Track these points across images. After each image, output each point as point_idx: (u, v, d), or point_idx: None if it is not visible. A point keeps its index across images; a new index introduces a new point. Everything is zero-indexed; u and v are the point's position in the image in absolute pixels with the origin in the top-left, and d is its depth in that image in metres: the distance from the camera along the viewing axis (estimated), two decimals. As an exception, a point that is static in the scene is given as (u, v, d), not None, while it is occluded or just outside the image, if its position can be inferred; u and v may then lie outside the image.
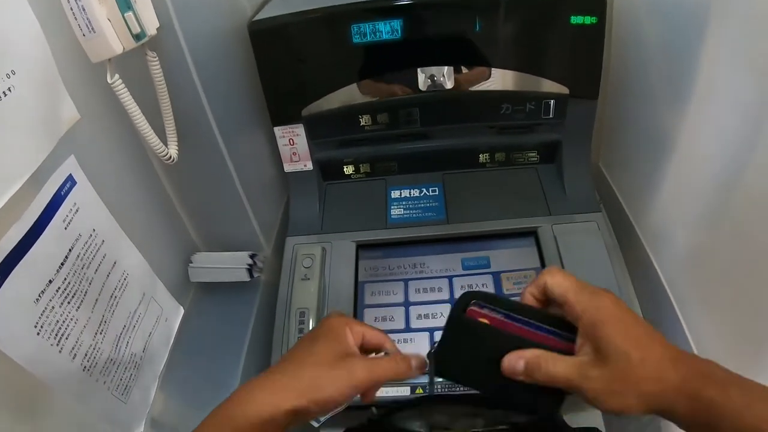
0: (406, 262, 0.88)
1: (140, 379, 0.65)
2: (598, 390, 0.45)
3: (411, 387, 0.74)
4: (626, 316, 0.47)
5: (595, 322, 0.47)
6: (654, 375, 0.45)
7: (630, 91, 0.88)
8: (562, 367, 0.47)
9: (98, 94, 0.60)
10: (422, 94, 0.85)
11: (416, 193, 0.96)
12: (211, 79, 0.69)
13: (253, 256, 0.85)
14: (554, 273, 0.51)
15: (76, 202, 0.53)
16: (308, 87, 0.86)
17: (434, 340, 0.79)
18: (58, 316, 0.50)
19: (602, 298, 0.48)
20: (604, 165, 1.05)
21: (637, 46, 0.83)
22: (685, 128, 0.72)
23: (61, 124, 0.51)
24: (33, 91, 0.46)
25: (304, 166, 0.94)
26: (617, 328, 0.46)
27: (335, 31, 0.80)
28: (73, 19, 0.49)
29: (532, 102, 0.87)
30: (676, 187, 0.77)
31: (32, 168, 0.46)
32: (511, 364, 0.49)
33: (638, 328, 0.47)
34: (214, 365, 0.79)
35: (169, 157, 0.64)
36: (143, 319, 0.66)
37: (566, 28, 0.79)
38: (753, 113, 0.57)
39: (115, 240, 0.60)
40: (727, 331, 0.67)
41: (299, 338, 0.63)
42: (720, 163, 0.64)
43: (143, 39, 0.55)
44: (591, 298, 0.48)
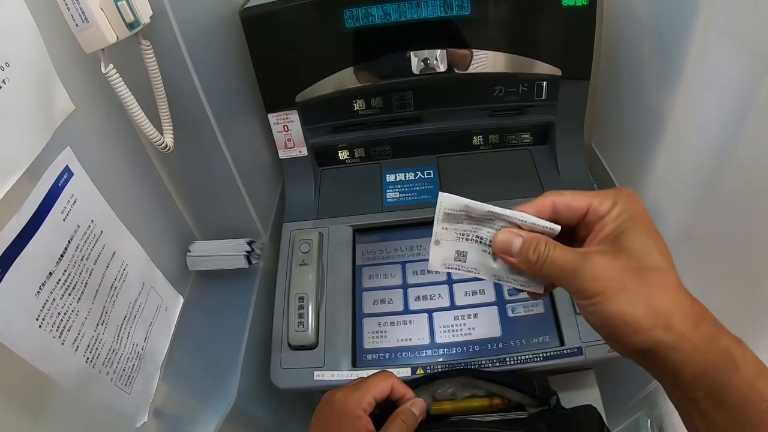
0: (402, 245, 0.89)
1: (142, 369, 0.65)
2: (605, 282, 0.39)
3: (411, 368, 0.75)
4: (650, 221, 0.43)
5: (624, 212, 0.42)
6: (671, 287, 0.39)
7: (622, 72, 0.88)
8: (562, 254, 0.42)
9: (93, 85, 0.60)
10: (415, 78, 0.85)
11: (411, 177, 0.97)
12: (206, 67, 0.69)
13: (251, 243, 0.85)
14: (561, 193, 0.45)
15: (73, 194, 0.53)
16: (301, 73, 0.85)
17: (432, 322, 0.80)
18: (59, 308, 0.50)
19: (630, 195, 0.43)
20: (597, 146, 1.05)
21: (628, 27, 0.83)
22: (677, 108, 0.72)
23: (56, 116, 0.50)
24: (27, 83, 0.46)
25: (299, 152, 0.94)
26: (642, 225, 0.41)
27: (327, 16, 0.79)
28: (66, 10, 0.49)
29: (525, 84, 0.88)
30: (669, 167, 0.77)
31: (29, 160, 0.46)
32: (505, 242, 0.44)
33: (662, 239, 0.42)
34: (215, 353, 0.80)
35: (165, 146, 0.64)
36: (143, 309, 0.66)
37: (558, 10, 0.79)
38: (744, 93, 0.57)
39: (113, 231, 0.60)
40: (719, 310, 0.67)
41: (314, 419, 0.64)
42: (712, 142, 0.65)
43: (137, 28, 0.55)
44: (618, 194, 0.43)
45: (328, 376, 0.76)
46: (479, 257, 0.47)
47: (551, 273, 0.42)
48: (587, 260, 0.40)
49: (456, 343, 0.77)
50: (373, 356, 0.78)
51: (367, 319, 0.82)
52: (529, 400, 0.72)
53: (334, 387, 0.74)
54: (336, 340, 0.79)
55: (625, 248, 0.40)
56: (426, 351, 0.78)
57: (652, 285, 0.39)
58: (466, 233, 0.46)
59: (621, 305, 0.38)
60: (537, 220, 0.45)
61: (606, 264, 0.39)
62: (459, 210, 0.46)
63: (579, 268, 0.40)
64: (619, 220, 0.41)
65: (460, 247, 0.47)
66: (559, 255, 0.42)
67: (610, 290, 0.38)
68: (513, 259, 0.44)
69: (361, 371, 0.76)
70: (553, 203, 0.45)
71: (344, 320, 0.81)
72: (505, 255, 0.45)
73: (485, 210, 0.45)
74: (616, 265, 0.39)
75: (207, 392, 0.76)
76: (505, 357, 0.74)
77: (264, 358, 0.80)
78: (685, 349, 0.37)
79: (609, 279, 0.39)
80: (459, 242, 0.47)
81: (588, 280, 0.39)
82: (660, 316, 0.38)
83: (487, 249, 0.47)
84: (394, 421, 0.60)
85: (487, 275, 0.47)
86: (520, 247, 0.43)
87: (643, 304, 0.38)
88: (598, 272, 0.39)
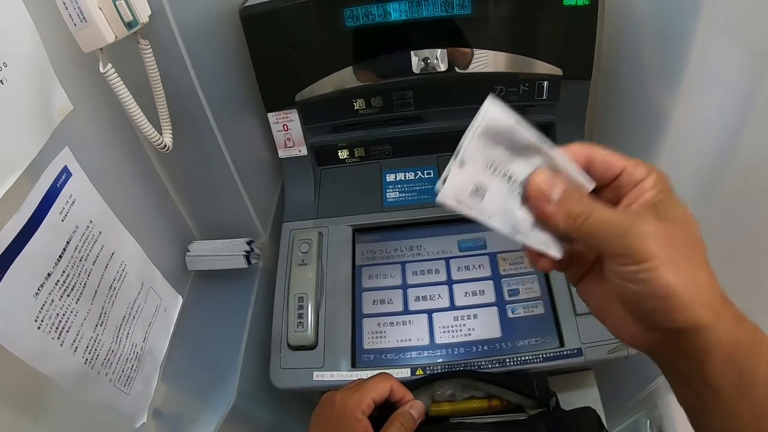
0: (402, 245, 0.89)
1: (142, 369, 0.65)
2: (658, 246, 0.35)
3: (411, 369, 0.75)
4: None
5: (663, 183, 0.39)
6: (709, 267, 0.37)
7: (623, 72, 0.88)
8: (610, 210, 0.37)
9: (91, 84, 0.59)
10: (416, 77, 0.84)
11: (411, 176, 0.97)
12: (205, 66, 0.69)
13: (250, 242, 0.85)
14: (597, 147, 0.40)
15: (72, 194, 0.52)
16: (301, 72, 0.85)
17: (432, 322, 0.80)
18: (58, 309, 0.50)
19: (666, 176, 0.40)
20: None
21: (629, 26, 0.83)
22: (678, 108, 0.72)
23: (54, 116, 0.50)
24: (25, 83, 0.45)
25: (299, 151, 0.94)
26: (679, 200, 0.39)
27: (327, 15, 0.79)
28: (64, 9, 0.49)
29: (526, 83, 0.87)
30: (670, 166, 0.76)
31: (27, 161, 0.46)
32: (546, 184, 0.38)
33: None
34: (215, 353, 0.80)
35: (164, 145, 0.63)
36: (143, 310, 0.66)
37: (559, 9, 0.78)
38: (745, 93, 0.57)
39: (112, 231, 0.60)
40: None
41: (313, 420, 0.64)
42: (713, 142, 0.65)
43: (135, 27, 0.54)
44: (653, 167, 0.40)
45: (327, 376, 0.76)
46: (502, 199, 0.39)
47: (595, 230, 0.37)
48: (641, 220, 0.36)
49: (456, 344, 0.77)
50: (372, 357, 0.78)
51: (367, 319, 0.82)
52: (528, 401, 0.71)
53: (334, 387, 0.74)
54: (335, 340, 0.79)
55: (672, 217, 0.36)
56: (425, 351, 0.77)
57: (697, 259, 0.36)
58: (496, 163, 0.38)
59: (672, 276, 0.34)
60: (578, 170, 0.39)
61: (660, 226, 0.35)
62: (503, 129, 0.38)
63: (631, 227, 0.36)
64: (658, 188, 0.38)
65: (483, 179, 0.38)
66: (606, 211, 0.37)
67: (663, 255, 0.35)
68: (550, 207, 0.38)
69: (360, 372, 0.76)
70: (588, 156, 0.40)
71: (344, 320, 0.80)
72: (542, 200, 0.39)
73: (532, 138, 0.38)
74: (667, 230, 0.36)
75: (206, 392, 0.76)
76: (504, 358, 0.74)
77: (263, 358, 0.80)
78: (719, 329, 0.35)
79: (662, 243, 0.35)
80: (483, 173, 0.38)
81: (641, 240, 0.35)
82: (703, 292, 0.35)
83: (516, 189, 0.39)
84: (393, 423, 0.60)
85: (502, 223, 0.39)
86: (563, 193, 0.38)
87: (690, 278, 0.35)
88: (651, 233, 0.35)
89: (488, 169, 0.38)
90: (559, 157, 0.38)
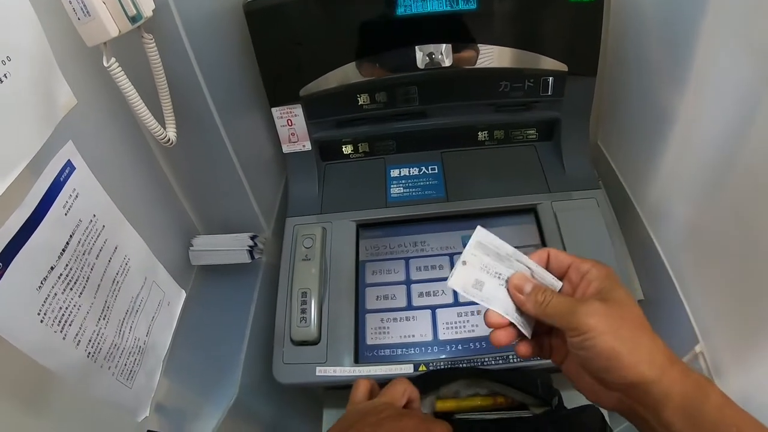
0: (406, 241, 0.89)
1: (144, 363, 0.65)
2: (597, 319, 0.45)
3: (414, 365, 0.75)
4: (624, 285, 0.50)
5: (604, 273, 0.49)
6: (649, 331, 0.46)
7: (629, 69, 0.87)
8: (562, 300, 0.49)
9: (95, 78, 0.59)
10: (420, 72, 0.84)
11: (415, 172, 0.96)
12: (209, 61, 0.69)
13: (254, 237, 0.85)
14: (555, 249, 0.55)
15: (75, 188, 0.52)
16: (305, 67, 0.85)
17: (436, 318, 0.80)
18: (60, 303, 0.50)
19: (608, 267, 0.51)
20: (602, 142, 1.04)
21: (635, 23, 0.82)
22: (684, 106, 0.72)
23: (58, 110, 0.50)
24: (29, 77, 0.45)
25: (303, 146, 0.93)
26: (621, 286, 0.49)
27: (331, 10, 0.79)
28: (68, 3, 0.49)
29: (531, 79, 0.87)
30: (675, 164, 0.77)
31: (31, 154, 0.46)
32: (520, 282, 0.52)
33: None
34: (218, 347, 0.80)
35: (167, 140, 0.63)
36: (146, 304, 0.66)
37: (564, 5, 0.78)
38: (751, 91, 0.57)
39: (115, 225, 0.60)
40: (727, 307, 0.67)
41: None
42: (718, 140, 0.64)
43: (139, 21, 0.54)
44: (596, 261, 0.51)
45: (330, 371, 0.76)
46: (493, 290, 0.53)
47: (552, 312, 0.49)
48: (583, 302, 0.47)
49: (459, 340, 0.77)
50: (375, 352, 0.78)
51: (370, 314, 0.82)
52: (531, 399, 0.71)
53: (336, 383, 0.74)
54: (338, 335, 0.79)
55: (611, 299, 0.46)
56: (429, 348, 0.77)
57: (636, 328, 0.45)
58: (488, 267, 0.53)
59: (611, 341, 0.44)
60: (546, 272, 0.53)
61: (598, 306, 0.46)
62: (490, 243, 0.54)
63: (575, 308, 0.46)
64: (601, 278, 0.49)
65: (480, 276, 0.53)
66: (560, 300, 0.49)
67: (602, 326, 0.44)
68: (522, 296, 0.51)
69: (363, 367, 0.76)
70: (548, 253, 0.54)
71: (347, 316, 0.80)
72: (517, 292, 0.52)
73: (511, 250, 0.54)
74: (606, 309, 0.45)
75: (209, 387, 0.76)
76: (508, 354, 0.74)
77: (266, 353, 0.80)
78: (665, 382, 0.43)
79: (601, 318, 0.45)
80: (481, 272, 0.53)
81: (582, 316, 0.45)
82: (644, 352, 0.44)
83: (503, 284, 0.53)
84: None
85: (497, 306, 0.52)
86: (532, 289, 0.51)
87: (629, 342, 0.44)
88: (591, 311, 0.45)
89: (483, 270, 0.53)
90: (531, 263, 0.54)
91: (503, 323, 0.52)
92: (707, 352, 0.71)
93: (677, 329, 0.76)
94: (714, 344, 0.70)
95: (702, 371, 0.72)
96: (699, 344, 0.72)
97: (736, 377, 0.66)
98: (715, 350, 0.70)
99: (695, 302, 0.74)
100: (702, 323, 0.73)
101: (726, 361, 0.68)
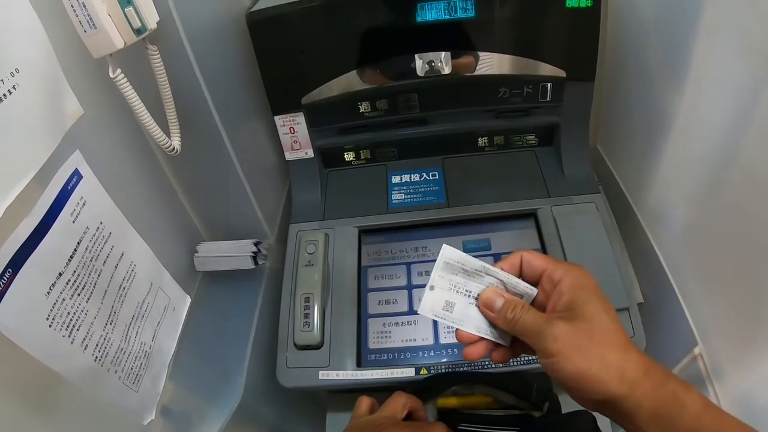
0: (408, 246, 0.89)
1: (150, 367, 0.66)
2: (563, 343, 0.44)
3: (415, 368, 0.76)
4: (599, 291, 0.48)
5: (576, 284, 0.48)
6: (621, 345, 0.45)
7: (627, 73, 0.88)
8: (532, 316, 0.48)
9: (101, 89, 0.61)
10: (420, 80, 0.85)
11: (416, 178, 0.97)
12: (212, 71, 0.70)
13: (258, 243, 0.86)
14: (529, 251, 0.53)
15: (82, 196, 0.54)
16: (307, 75, 0.86)
17: (437, 322, 0.80)
18: (69, 308, 0.51)
19: (581, 269, 0.50)
20: (602, 147, 1.05)
21: (633, 27, 0.83)
22: (682, 109, 0.73)
23: (65, 120, 0.51)
24: (37, 89, 0.46)
25: (305, 153, 0.95)
26: (594, 294, 0.47)
27: (332, 19, 0.80)
28: (74, 16, 0.50)
29: (530, 85, 0.88)
30: (674, 167, 0.78)
31: (39, 164, 0.47)
32: (490, 299, 0.51)
33: (610, 305, 0.48)
34: (222, 352, 0.81)
35: (172, 148, 0.65)
36: (151, 309, 0.67)
37: (562, 11, 0.79)
38: (749, 93, 0.57)
39: (121, 232, 0.61)
40: (726, 310, 0.68)
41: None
42: (716, 143, 0.65)
43: (144, 33, 0.56)
44: (570, 267, 0.50)
45: (333, 375, 0.77)
46: (464, 309, 0.52)
47: (522, 331, 0.48)
48: (549, 324, 0.46)
49: (460, 344, 0.78)
50: (377, 356, 0.79)
51: (372, 319, 0.82)
52: (524, 403, 0.72)
53: (339, 387, 0.75)
54: (341, 340, 0.80)
55: (580, 315, 0.46)
56: (430, 351, 0.78)
57: (604, 345, 0.45)
58: (458, 285, 0.52)
59: (577, 363, 0.44)
60: (519, 281, 0.52)
61: (564, 328, 0.45)
62: (457, 261, 0.52)
63: (543, 330, 0.46)
64: (573, 290, 0.48)
65: (450, 297, 0.52)
66: (530, 317, 0.48)
67: (567, 350, 0.44)
68: (493, 314, 0.51)
69: (365, 371, 0.76)
70: (521, 257, 0.52)
71: (349, 320, 0.81)
72: (488, 310, 0.51)
73: (479, 265, 0.52)
74: (573, 329, 0.45)
75: (214, 391, 0.77)
76: (508, 357, 0.75)
77: (270, 358, 0.81)
78: (637, 396, 0.43)
79: (566, 341, 0.44)
80: (450, 293, 0.52)
81: (548, 341, 0.45)
82: (613, 370, 0.43)
83: (473, 302, 0.52)
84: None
85: (467, 325, 0.52)
86: (502, 306, 0.50)
87: (597, 362, 0.44)
88: (557, 334, 0.45)
89: (453, 290, 0.52)
90: (502, 275, 0.52)
91: (474, 338, 0.52)
92: (706, 354, 0.72)
93: (676, 332, 0.77)
94: (713, 346, 0.71)
95: (701, 373, 0.72)
96: (698, 346, 0.73)
97: (735, 379, 0.67)
98: (714, 352, 0.71)
99: (694, 305, 0.75)
100: (701, 326, 0.73)
101: (725, 363, 0.68)
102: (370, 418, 0.59)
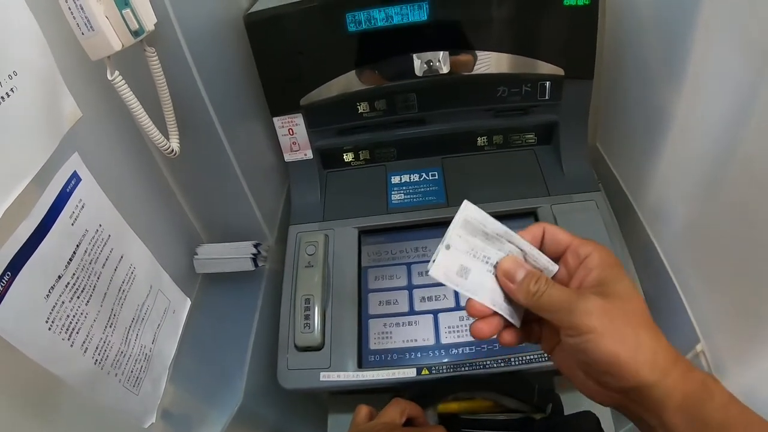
0: (408, 246, 0.89)
1: (150, 370, 0.66)
2: (598, 319, 0.41)
3: (417, 368, 0.76)
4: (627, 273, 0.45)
5: (607, 260, 0.45)
6: (653, 328, 0.42)
7: (626, 70, 0.88)
8: (559, 290, 0.44)
9: (99, 91, 0.61)
10: (419, 80, 0.85)
11: (416, 178, 0.97)
12: (210, 72, 0.70)
13: (257, 245, 0.86)
14: (552, 224, 0.49)
15: (81, 199, 0.54)
16: (305, 76, 0.86)
17: (438, 323, 0.80)
18: (68, 311, 0.51)
19: (607, 248, 0.47)
20: (601, 145, 1.05)
21: (631, 24, 0.83)
22: (681, 106, 0.72)
23: (63, 122, 0.51)
24: (35, 91, 0.46)
25: (304, 155, 0.95)
26: (624, 274, 0.45)
27: (330, 20, 0.80)
28: (72, 18, 0.50)
29: (528, 84, 0.88)
30: (674, 164, 0.77)
31: (38, 166, 0.47)
32: (511, 268, 0.47)
33: (639, 293, 0.45)
34: (222, 354, 0.80)
35: (171, 150, 0.65)
36: (151, 312, 0.67)
37: (559, 9, 0.79)
38: (748, 90, 0.57)
39: (121, 234, 0.61)
40: (727, 307, 0.68)
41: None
42: (715, 139, 0.65)
43: (141, 35, 0.55)
44: (598, 244, 0.46)
45: (334, 376, 0.77)
46: (480, 277, 0.47)
47: (547, 306, 0.44)
48: (583, 298, 0.42)
49: (461, 344, 0.78)
50: (378, 357, 0.79)
51: (373, 320, 0.82)
52: (526, 406, 0.71)
53: (340, 388, 0.75)
54: (342, 341, 0.79)
55: (613, 292, 0.43)
56: (431, 352, 0.78)
57: (639, 326, 0.42)
58: (476, 249, 0.47)
59: (612, 345, 0.41)
60: (540, 254, 0.48)
61: (600, 303, 0.42)
62: (478, 221, 0.47)
63: (575, 305, 0.42)
64: (602, 266, 0.45)
65: (465, 262, 0.47)
66: (557, 290, 0.44)
67: (602, 327, 0.41)
68: (513, 285, 0.46)
69: (366, 372, 0.76)
70: (544, 229, 0.49)
71: (350, 321, 0.81)
72: (507, 281, 0.47)
73: (501, 229, 0.47)
74: (608, 306, 0.42)
75: (214, 393, 0.77)
76: (509, 357, 0.74)
77: (271, 359, 0.81)
78: (667, 384, 0.40)
79: (601, 318, 0.41)
80: (466, 256, 0.47)
81: (582, 315, 0.41)
82: (648, 353, 0.41)
83: (491, 270, 0.48)
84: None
85: (481, 296, 0.48)
86: (524, 276, 0.46)
87: (631, 344, 0.41)
88: (591, 309, 0.41)
89: (469, 254, 0.47)
90: (525, 244, 0.48)
91: (487, 312, 0.48)
92: (708, 350, 0.72)
93: (678, 329, 0.76)
94: (715, 343, 0.71)
95: (704, 370, 0.72)
96: (700, 343, 0.73)
97: (737, 375, 0.66)
98: (716, 349, 0.70)
99: (696, 302, 0.75)
100: (703, 322, 0.73)
101: (727, 359, 0.68)
102: (370, 425, 0.59)
